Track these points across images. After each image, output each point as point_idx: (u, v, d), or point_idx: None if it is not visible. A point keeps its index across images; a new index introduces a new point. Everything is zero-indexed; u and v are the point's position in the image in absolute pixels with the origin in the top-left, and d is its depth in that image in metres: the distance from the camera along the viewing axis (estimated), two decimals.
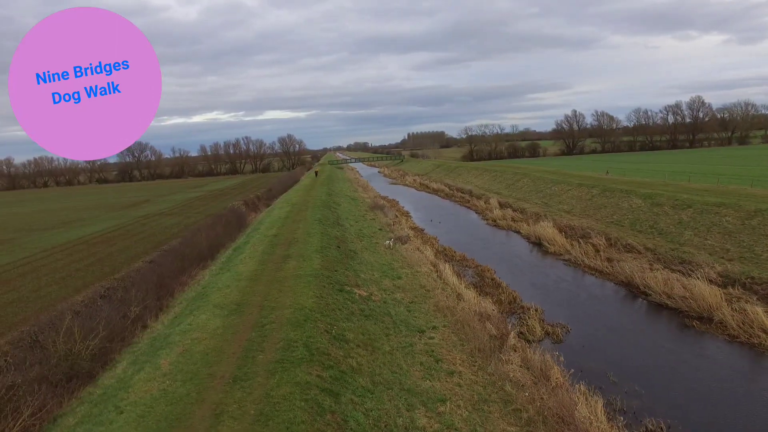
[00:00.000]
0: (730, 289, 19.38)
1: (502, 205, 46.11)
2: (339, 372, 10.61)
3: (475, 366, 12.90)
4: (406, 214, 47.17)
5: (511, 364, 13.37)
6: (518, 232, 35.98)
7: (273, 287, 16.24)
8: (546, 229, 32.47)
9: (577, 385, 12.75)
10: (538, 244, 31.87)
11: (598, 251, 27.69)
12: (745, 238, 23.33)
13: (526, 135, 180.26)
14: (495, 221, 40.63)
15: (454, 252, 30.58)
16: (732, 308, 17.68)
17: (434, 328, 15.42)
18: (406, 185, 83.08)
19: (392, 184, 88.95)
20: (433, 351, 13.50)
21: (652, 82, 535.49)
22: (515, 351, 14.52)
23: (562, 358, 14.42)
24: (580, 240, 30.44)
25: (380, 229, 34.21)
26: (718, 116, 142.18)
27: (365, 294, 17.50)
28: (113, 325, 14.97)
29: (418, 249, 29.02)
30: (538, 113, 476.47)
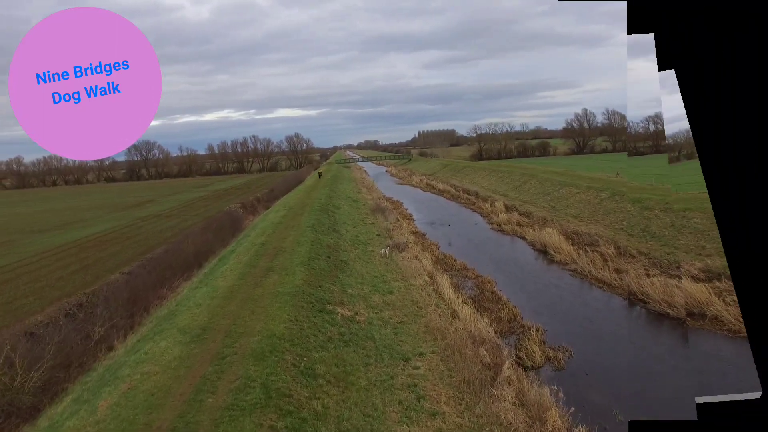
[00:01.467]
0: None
1: (507, 209, 44.44)
2: (298, 419, 9.23)
3: (461, 404, 11.44)
4: (409, 218, 45.72)
5: (504, 401, 11.88)
6: (523, 238, 34.35)
7: (246, 308, 14.90)
8: (552, 236, 30.82)
9: (577, 430, 11.23)
10: (543, 251, 30.24)
11: (606, 261, 26.04)
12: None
13: (537, 133, 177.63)
14: (500, 226, 39.02)
15: (455, 260, 29.07)
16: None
17: (421, 354, 13.98)
18: (413, 185, 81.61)
19: (398, 184, 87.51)
20: (416, 385, 12.06)
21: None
22: (510, 384, 13.01)
23: (561, 394, 12.88)
24: (588, 248, 28.77)
25: (378, 235, 32.80)
26: None
27: (349, 314, 16.11)
28: (71, 349, 13.73)
29: (416, 257, 27.56)
30: (548, 111, 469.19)
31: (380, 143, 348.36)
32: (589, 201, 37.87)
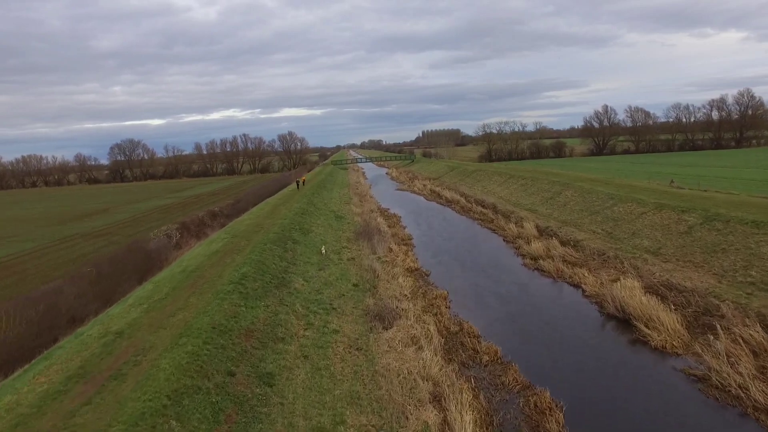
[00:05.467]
0: None
1: (541, 231, 32.71)
2: None
3: None
4: (407, 243, 34.00)
5: None
6: (578, 287, 22.62)
7: None
8: (633, 294, 19.02)
9: None
10: (621, 319, 18.47)
11: (757, 356, 14.31)
12: None
13: (544, 133, 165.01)
14: (535, 260, 27.25)
15: (477, 339, 17.37)
16: None
17: None
18: (415, 192, 69.88)
19: (399, 189, 75.84)
20: None
21: (669, 80, 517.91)
22: None
23: None
24: (699, 317, 17.11)
25: (356, 286, 21.12)
26: None
27: None
28: None
29: (412, 340, 15.93)
30: (553, 111, 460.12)
31: (384, 143, 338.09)
32: (668, 227, 26.01)
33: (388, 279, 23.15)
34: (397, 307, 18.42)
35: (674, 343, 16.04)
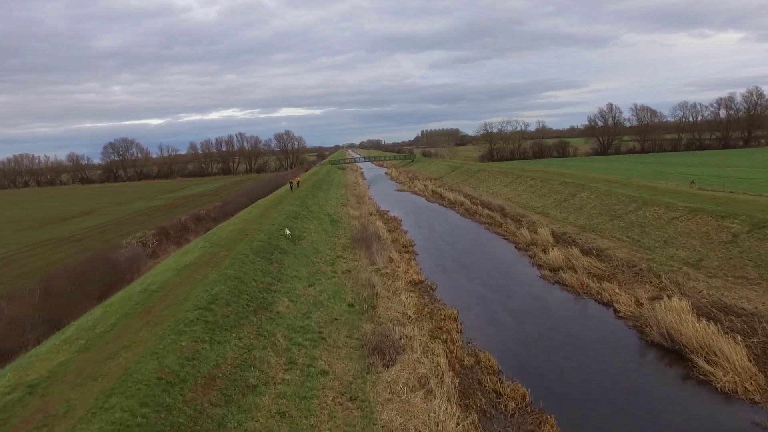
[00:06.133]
0: None
1: (558, 238, 29.57)
2: None
3: None
4: (409, 250, 30.82)
5: None
6: (609, 305, 19.48)
7: None
8: (684, 319, 15.87)
9: None
10: (669, 349, 15.35)
11: None
12: None
13: (545, 132, 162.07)
14: (555, 272, 24.11)
15: (499, 378, 14.21)
16: None
17: None
18: (415, 192, 66.68)
19: (399, 190, 72.64)
20: None
21: (669, 80, 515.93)
22: None
23: None
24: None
25: (351, 306, 17.97)
26: None
27: None
28: None
29: (420, 381, 12.80)
30: (553, 111, 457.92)
31: (383, 143, 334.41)
32: (706, 236, 22.88)
33: (388, 296, 20.01)
34: (400, 335, 15.26)
35: (747, 386, 12.89)
